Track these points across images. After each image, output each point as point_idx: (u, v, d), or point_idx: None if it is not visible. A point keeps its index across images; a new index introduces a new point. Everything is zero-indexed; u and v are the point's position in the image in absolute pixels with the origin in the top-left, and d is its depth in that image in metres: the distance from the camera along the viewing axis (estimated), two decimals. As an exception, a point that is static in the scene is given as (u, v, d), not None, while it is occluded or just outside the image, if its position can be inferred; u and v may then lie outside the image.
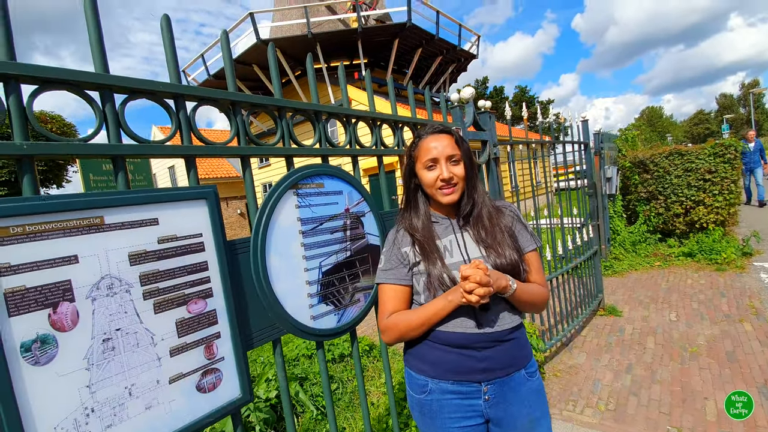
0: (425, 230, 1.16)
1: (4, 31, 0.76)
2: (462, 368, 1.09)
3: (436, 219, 1.21)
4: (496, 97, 39.46)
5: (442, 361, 1.11)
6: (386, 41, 11.83)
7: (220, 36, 1.09)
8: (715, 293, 4.09)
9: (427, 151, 1.13)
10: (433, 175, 1.13)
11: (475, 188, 1.17)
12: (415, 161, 1.17)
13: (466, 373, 1.09)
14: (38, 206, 0.75)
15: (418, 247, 1.15)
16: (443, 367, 1.11)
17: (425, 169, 1.14)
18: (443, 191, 1.12)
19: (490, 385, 1.10)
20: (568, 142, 3.59)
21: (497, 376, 1.10)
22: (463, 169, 1.13)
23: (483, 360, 1.09)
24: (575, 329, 3.57)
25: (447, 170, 1.11)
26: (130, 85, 0.90)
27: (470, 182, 1.16)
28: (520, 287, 1.08)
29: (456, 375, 1.10)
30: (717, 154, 5.38)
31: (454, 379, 1.10)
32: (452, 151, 1.12)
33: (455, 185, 1.12)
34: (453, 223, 1.19)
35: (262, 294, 1.12)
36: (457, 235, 1.17)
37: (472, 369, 1.09)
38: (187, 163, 1.02)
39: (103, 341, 0.82)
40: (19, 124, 0.77)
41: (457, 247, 1.15)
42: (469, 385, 1.10)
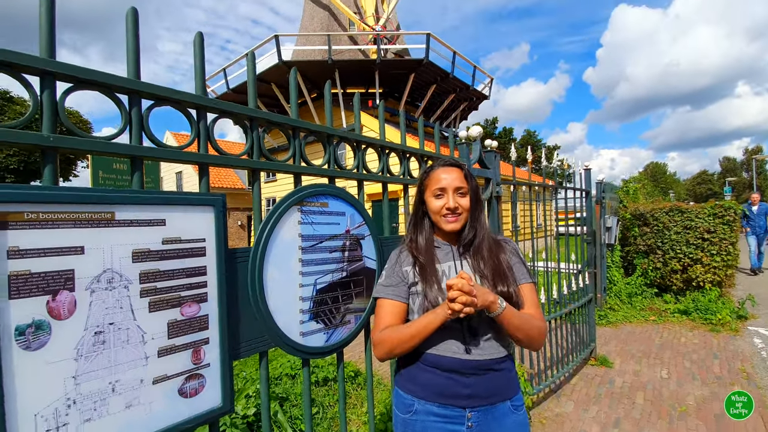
0: (427, 253, 1.22)
1: (47, 32, 0.82)
2: (448, 392, 1.12)
3: (439, 244, 1.27)
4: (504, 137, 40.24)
5: (430, 383, 1.14)
6: (402, 74, 12.22)
7: (248, 57, 1.16)
8: (708, 354, 4.04)
9: (437, 180, 1.22)
10: (440, 203, 1.21)
11: (478, 221, 1.24)
12: (425, 189, 1.26)
13: (452, 397, 1.12)
14: (56, 196, 0.79)
15: (419, 268, 1.21)
16: (431, 389, 1.14)
17: (433, 197, 1.22)
18: (447, 219, 1.20)
19: (474, 412, 1.12)
20: (570, 189, 3.65)
21: (482, 403, 1.12)
22: (468, 201, 1.21)
23: (468, 386, 1.12)
24: (565, 376, 3.51)
25: (453, 200, 1.19)
26: (158, 93, 0.96)
27: (474, 214, 1.23)
28: (510, 310, 1.09)
29: (442, 398, 1.13)
30: (716, 215, 5.44)
31: (439, 402, 1.13)
32: (460, 184, 1.20)
33: (459, 215, 1.20)
34: (453, 250, 1.25)
35: (255, 304, 1.14)
36: (456, 262, 1.22)
37: (458, 394, 1.12)
38: (200, 170, 1.06)
39: (95, 333, 0.84)
40: (49, 118, 0.82)
41: (455, 272, 1.20)
42: (454, 410, 1.12)
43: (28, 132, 0.78)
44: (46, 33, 0.82)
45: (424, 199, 1.27)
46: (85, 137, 0.86)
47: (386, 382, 3.55)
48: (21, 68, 0.79)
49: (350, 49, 12.66)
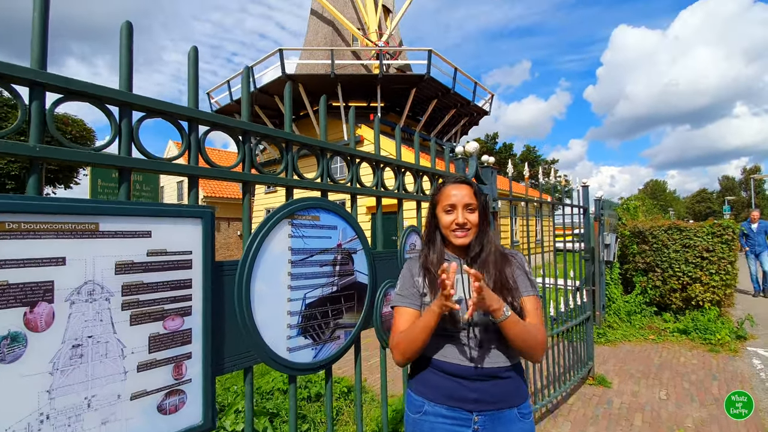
0: (437, 266, 1.26)
1: (39, 43, 0.83)
2: (455, 395, 1.19)
3: (448, 257, 1.32)
4: (504, 152, 40.48)
5: (439, 386, 1.22)
6: (404, 89, 12.36)
7: (243, 72, 1.17)
8: (707, 375, 3.98)
9: (447, 197, 1.28)
10: (449, 219, 1.27)
11: (486, 235, 1.30)
12: (437, 204, 1.33)
13: (459, 400, 1.19)
14: (39, 206, 0.78)
15: (428, 280, 1.28)
16: (440, 392, 1.21)
17: (444, 212, 1.29)
18: (456, 233, 1.26)
19: (481, 416, 1.18)
20: (568, 205, 3.65)
21: (488, 408, 1.18)
22: (477, 217, 1.27)
23: (475, 391, 1.18)
24: (562, 396, 3.44)
25: (462, 216, 1.25)
26: (149, 105, 0.96)
27: (482, 229, 1.30)
28: (514, 318, 1.13)
29: (450, 401, 1.19)
30: (715, 234, 5.43)
31: (448, 404, 1.19)
32: (470, 201, 1.27)
33: (468, 230, 1.26)
34: (462, 264, 1.28)
35: (241, 319, 1.12)
36: (463, 275, 1.23)
37: (465, 398, 1.18)
38: (189, 183, 1.06)
39: (72, 347, 0.82)
40: (37, 128, 0.82)
41: (461, 285, 1.23)
42: (461, 412, 1.18)
43: (14, 142, 0.78)
44: (38, 44, 0.82)
45: (435, 214, 1.33)
46: (72, 148, 0.86)
47: (380, 399, 3.48)
48: (11, 79, 0.79)
49: (353, 63, 12.83)
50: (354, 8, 14.20)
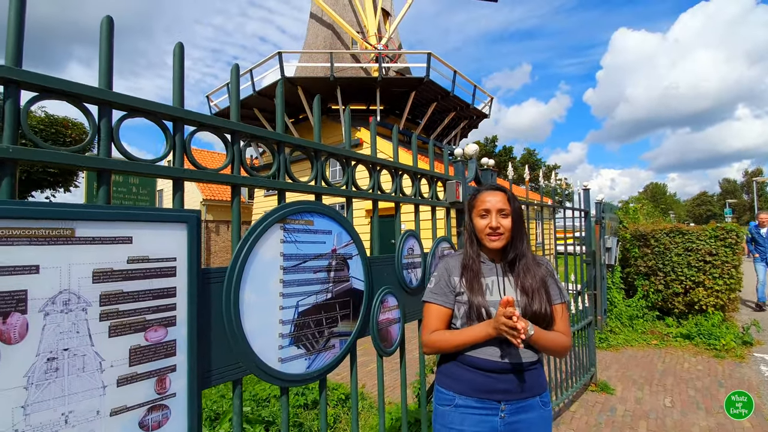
0: (475, 267, 1.37)
1: (15, 39, 0.78)
2: (485, 387, 1.29)
3: (484, 260, 1.41)
4: (504, 156, 40.46)
5: (470, 380, 1.31)
6: (403, 92, 12.34)
7: (231, 71, 1.13)
8: (713, 381, 3.91)
9: (482, 202, 1.37)
10: (484, 223, 1.36)
11: (521, 241, 1.37)
12: (472, 209, 1.41)
13: (489, 392, 1.29)
14: (10, 210, 0.73)
15: (466, 280, 1.36)
16: (470, 385, 1.31)
17: (479, 217, 1.38)
18: (490, 237, 1.35)
19: (508, 405, 1.29)
20: (569, 208, 3.60)
21: (514, 398, 1.29)
22: (510, 222, 1.34)
23: (503, 382, 1.29)
24: (564, 403, 3.38)
25: (496, 221, 1.33)
26: (130, 103, 0.91)
27: (516, 235, 1.36)
28: (539, 333, 1.25)
29: (480, 393, 1.30)
30: (718, 237, 5.37)
31: (477, 397, 1.30)
32: (503, 206, 1.35)
33: (501, 234, 1.34)
34: (497, 267, 1.39)
35: (229, 328, 1.07)
36: (499, 277, 1.37)
37: (493, 389, 1.29)
38: (174, 185, 1.01)
39: (47, 360, 0.77)
40: (10, 127, 0.77)
41: (497, 287, 1.35)
42: (490, 403, 1.29)
43: (-17, 143, 0.74)
44: (13, 40, 0.78)
45: (472, 219, 1.42)
46: (47, 149, 0.81)
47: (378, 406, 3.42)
48: (-18, 76, 0.75)
49: (352, 66, 12.82)
50: (353, 11, 14.21)
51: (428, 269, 1.86)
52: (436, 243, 1.94)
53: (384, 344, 1.57)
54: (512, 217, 1.35)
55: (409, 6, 14.59)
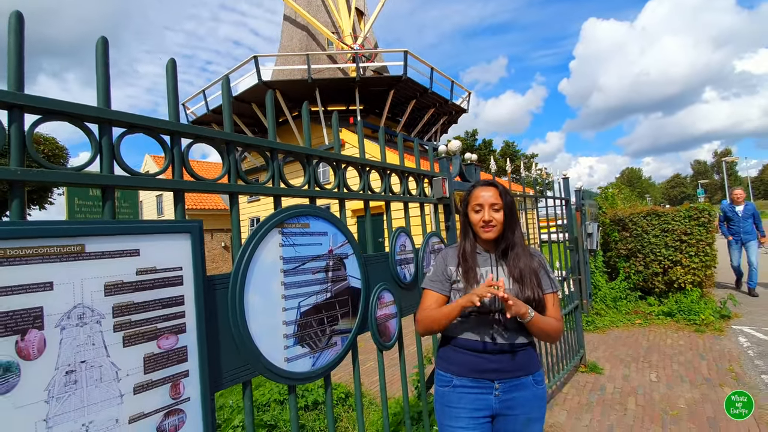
0: (471, 257, 1.46)
1: (16, 64, 0.80)
2: (479, 367, 1.39)
3: (479, 251, 1.49)
4: (484, 149, 40.95)
5: (463, 362, 1.41)
6: (382, 91, 12.40)
7: (222, 82, 1.16)
8: (695, 355, 4.10)
9: (476, 197, 1.46)
10: (478, 217, 1.44)
11: (513, 232, 1.45)
12: (468, 204, 1.50)
13: (482, 372, 1.39)
14: (23, 231, 0.76)
15: (462, 270, 1.44)
16: (465, 366, 1.41)
17: (473, 211, 1.46)
18: (484, 229, 1.43)
19: (502, 383, 1.38)
20: (550, 198, 3.72)
21: (507, 377, 1.38)
22: (502, 215, 1.43)
23: (495, 361, 1.38)
24: (557, 385, 3.50)
25: (488, 214, 1.42)
26: (130, 120, 0.94)
27: (508, 227, 1.44)
28: (537, 317, 1.34)
29: (474, 373, 1.39)
30: (692, 217, 5.61)
31: (472, 377, 1.40)
32: (495, 201, 1.43)
33: (493, 227, 1.42)
34: (491, 257, 1.47)
35: (236, 332, 1.11)
36: (492, 267, 1.46)
37: (486, 369, 1.38)
38: (175, 197, 1.04)
39: (66, 373, 0.80)
40: (16, 151, 0.80)
41: (491, 276, 1.41)
42: (484, 383, 1.39)
43: (-8, 166, 0.76)
44: (14, 65, 0.80)
45: (467, 213, 1.50)
46: (54, 169, 0.84)
47: (378, 402, 3.47)
48: (-16, 102, 0.77)
49: (329, 68, 12.81)
50: (327, 12, 14.18)
51: (420, 264, 1.92)
52: (426, 238, 2.01)
53: (383, 339, 1.63)
54: (504, 211, 1.43)
55: (383, 4, 14.64)
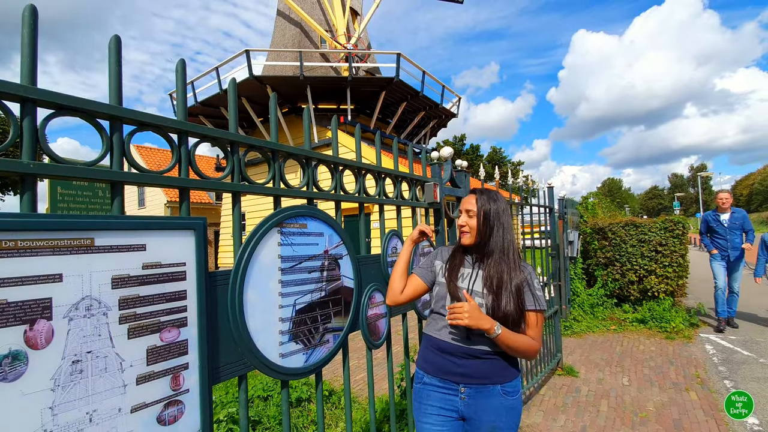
0: (459, 258, 1.52)
1: (29, 58, 0.82)
2: (445, 369, 1.43)
3: (467, 254, 1.54)
4: (471, 154, 41.40)
5: (434, 362, 1.46)
6: (374, 92, 12.43)
7: (228, 85, 1.19)
8: (665, 361, 4.28)
9: (463, 204, 1.54)
10: (460, 221, 1.51)
11: (489, 239, 1.45)
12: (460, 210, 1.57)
13: (448, 373, 1.42)
14: (34, 223, 0.78)
15: (448, 266, 1.52)
16: (434, 366, 1.45)
17: (460, 215, 1.53)
18: (461, 233, 1.51)
19: (467, 388, 1.40)
20: (535, 205, 3.84)
21: (472, 382, 1.39)
22: (474, 221, 1.47)
23: (460, 366, 1.40)
24: (534, 387, 3.61)
25: (463, 219, 1.50)
26: (140, 119, 0.97)
27: (483, 233, 1.45)
28: (506, 334, 1.32)
29: (441, 373, 1.43)
30: (667, 229, 5.84)
31: (440, 377, 1.44)
32: (470, 207, 1.49)
33: (466, 232, 1.49)
34: (474, 260, 1.51)
35: (234, 327, 1.14)
36: (473, 270, 1.48)
37: (452, 371, 1.41)
38: (181, 195, 1.07)
39: (72, 363, 0.82)
40: (29, 145, 0.81)
41: (469, 278, 1.47)
42: (450, 384, 1.42)
43: (7, 159, 0.78)
44: (28, 59, 0.82)
45: None
46: (65, 163, 0.86)
47: (361, 401, 3.52)
48: (1, 95, 0.79)
49: (322, 66, 12.77)
50: (321, 10, 14.13)
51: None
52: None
53: (373, 338, 1.68)
54: (477, 217, 1.45)
55: (377, 6, 14.68)
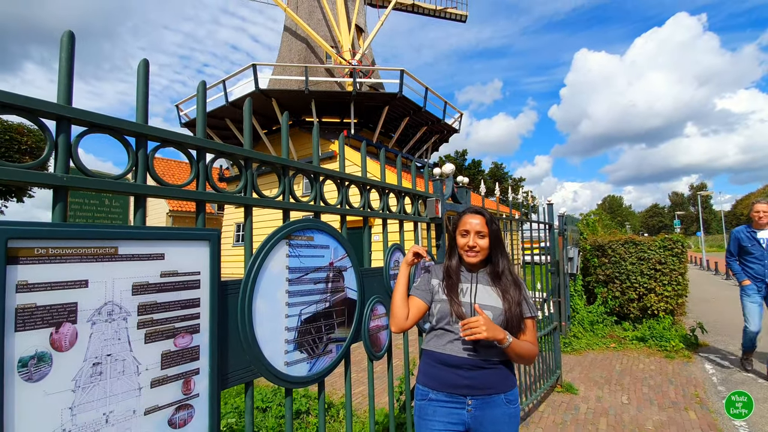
0: (455, 275, 1.57)
1: (66, 80, 0.89)
2: (452, 382, 1.47)
3: (462, 269, 1.61)
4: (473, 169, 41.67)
5: (438, 377, 1.49)
6: (377, 107, 12.63)
7: (244, 106, 1.26)
8: (664, 380, 4.27)
9: (464, 223, 1.58)
10: (464, 241, 1.57)
11: (503, 257, 1.58)
12: (456, 228, 1.62)
13: (455, 387, 1.46)
14: (64, 232, 0.84)
15: (446, 283, 1.56)
16: (439, 381, 1.49)
17: (460, 235, 1.58)
18: (468, 254, 1.56)
19: (474, 399, 1.46)
20: (535, 222, 3.89)
21: (479, 393, 1.45)
22: (487, 242, 1.55)
23: (467, 378, 1.45)
24: (533, 404, 3.61)
25: (473, 240, 1.54)
26: (164, 136, 1.03)
27: (494, 252, 1.57)
28: (515, 342, 1.42)
29: (449, 388, 1.47)
30: (666, 248, 5.88)
31: (447, 391, 1.47)
32: (481, 229, 1.55)
33: (477, 252, 1.55)
34: (471, 276, 1.59)
35: (243, 335, 1.19)
36: (473, 284, 1.56)
37: (459, 384, 1.46)
38: (198, 207, 1.13)
39: (93, 365, 0.87)
40: (63, 159, 0.88)
41: (469, 292, 1.54)
42: (458, 398, 1.46)
43: (43, 173, 0.84)
44: (64, 81, 0.89)
45: (455, 236, 1.62)
46: (95, 177, 0.92)
47: (360, 414, 3.52)
48: (39, 113, 0.86)
49: (327, 80, 13.01)
50: (327, 27, 14.46)
51: (413, 276, 2.02)
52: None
53: (374, 349, 1.72)
54: (489, 238, 1.55)
55: (382, 24, 15.03)
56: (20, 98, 0.82)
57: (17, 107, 0.82)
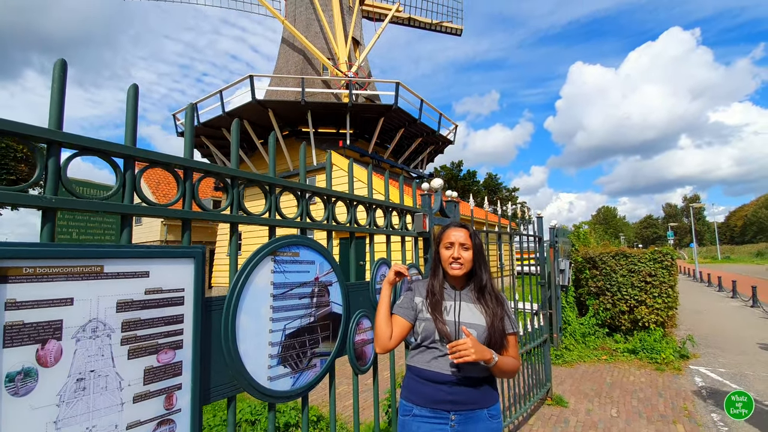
0: (438, 292, 1.60)
1: (57, 108, 0.94)
2: (435, 398, 1.49)
3: (446, 286, 1.63)
4: (468, 179, 41.89)
5: (422, 392, 1.52)
6: (372, 118, 12.77)
7: (232, 129, 1.31)
8: (654, 392, 4.30)
9: (448, 236, 1.62)
10: (448, 254, 1.60)
11: (485, 272, 1.62)
12: (440, 242, 1.65)
13: (438, 402, 1.49)
14: (52, 252, 0.87)
15: (430, 301, 1.59)
16: (423, 397, 1.51)
17: (444, 248, 1.62)
18: (452, 266, 1.58)
19: (457, 415, 1.48)
20: (524, 235, 3.95)
21: (462, 408, 1.48)
22: (470, 255, 1.59)
23: (451, 394, 1.48)
24: (523, 416, 3.62)
25: (458, 252, 1.58)
26: (151, 157, 1.08)
27: (477, 266, 1.60)
28: (501, 360, 1.47)
29: (432, 403, 1.49)
30: (656, 260, 5.95)
31: (430, 407, 1.50)
32: (465, 241, 1.59)
33: (461, 264, 1.58)
34: (455, 293, 1.62)
35: (226, 350, 1.21)
36: (456, 302, 1.59)
37: (443, 400, 1.48)
38: (183, 225, 1.17)
39: (77, 380, 0.90)
40: (52, 181, 0.92)
41: (453, 310, 1.57)
42: (441, 413, 1.48)
43: (31, 195, 0.88)
44: (56, 109, 0.93)
45: (438, 250, 1.65)
46: (83, 198, 0.96)
47: (349, 427, 3.51)
48: (31, 138, 0.90)
49: (323, 92, 13.15)
50: (324, 39, 14.67)
51: (398, 293, 2.06)
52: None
53: (360, 363, 1.74)
54: (472, 251, 1.60)
55: (378, 37, 15.26)
56: (14, 125, 0.86)
57: (11, 133, 0.86)
